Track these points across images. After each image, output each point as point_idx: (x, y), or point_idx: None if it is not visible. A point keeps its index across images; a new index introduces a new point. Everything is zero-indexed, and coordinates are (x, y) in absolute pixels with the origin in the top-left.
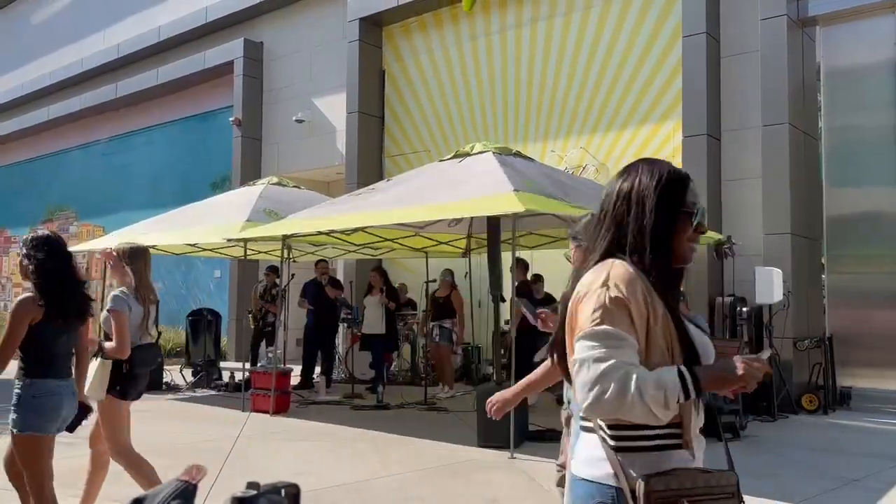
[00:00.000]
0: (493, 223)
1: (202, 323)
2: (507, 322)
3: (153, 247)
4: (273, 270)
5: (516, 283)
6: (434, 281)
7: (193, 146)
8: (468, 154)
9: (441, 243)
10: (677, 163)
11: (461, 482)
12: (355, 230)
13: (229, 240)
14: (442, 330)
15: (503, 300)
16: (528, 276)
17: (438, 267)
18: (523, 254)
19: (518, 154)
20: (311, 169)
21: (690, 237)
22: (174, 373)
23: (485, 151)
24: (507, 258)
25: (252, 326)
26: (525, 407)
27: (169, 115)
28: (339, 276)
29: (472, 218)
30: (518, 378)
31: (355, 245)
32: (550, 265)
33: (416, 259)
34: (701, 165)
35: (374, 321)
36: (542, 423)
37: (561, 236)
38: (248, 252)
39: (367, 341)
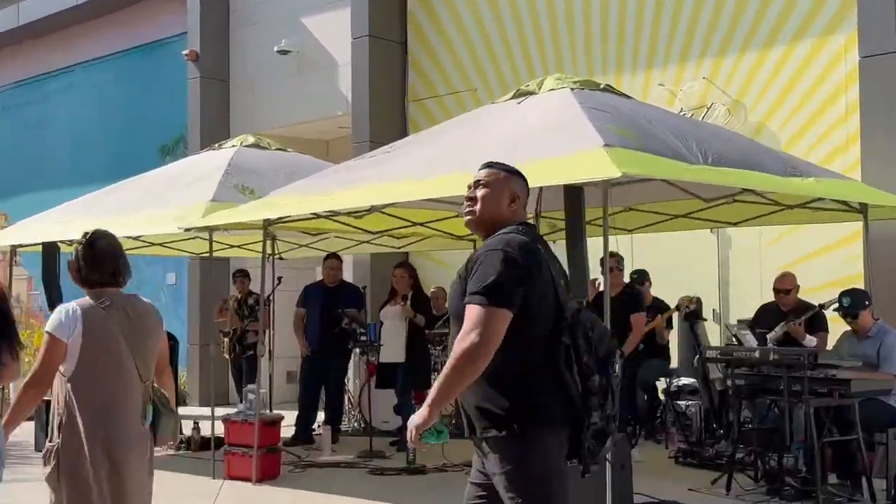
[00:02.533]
0: (574, 196)
1: None
2: None
3: (71, 242)
4: (244, 275)
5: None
6: None
7: (133, 94)
8: (533, 93)
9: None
10: (852, 95)
11: None
12: (369, 210)
13: (187, 229)
14: None
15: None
16: (626, 274)
17: None
18: (620, 240)
19: (609, 89)
20: (302, 122)
21: None
22: None
23: (559, 88)
24: (593, 247)
25: (227, 356)
26: (627, 464)
27: (96, 48)
28: (349, 279)
29: (540, 189)
30: (622, 427)
31: (370, 233)
32: (658, 256)
33: (459, 252)
34: (891, 95)
35: (393, 344)
36: (655, 489)
37: (676, 212)
38: (216, 246)
39: (385, 374)
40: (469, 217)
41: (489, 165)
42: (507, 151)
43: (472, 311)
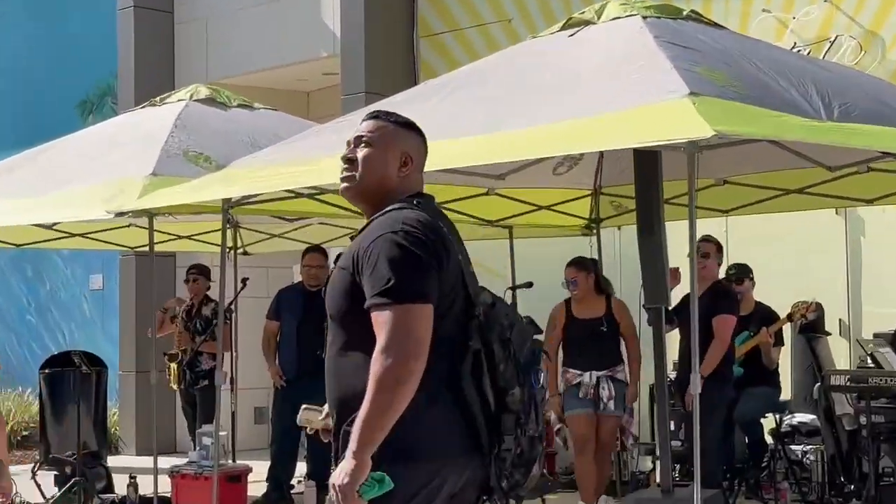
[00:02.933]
0: (648, 165)
1: (69, 382)
2: (674, 363)
3: None
4: (201, 272)
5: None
6: (527, 285)
7: (42, 31)
8: (590, 23)
9: (539, 208)
10: None
11: None
12: None
13: (119, 214)
14: (616, 385)
15: (672, 321)
16: (723, 269)
17: (539, 255)
18: (710, 225)
19: (695, 17)
20: (273, 68)
21: None
22: (21, 481)
23: (626, 16)
24: (675, 234)
25: (175, 387)
26: None
27: None
28: None
29: (600, 157)
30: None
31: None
32: (763, 247)
33: (490, 243)
34: None
35: None
36: None
37: (788, 186)
38: (158, 237)
39: None
40: (346, 185)
41: (375, 116)
42: (553, 105)
43: (382, 319)
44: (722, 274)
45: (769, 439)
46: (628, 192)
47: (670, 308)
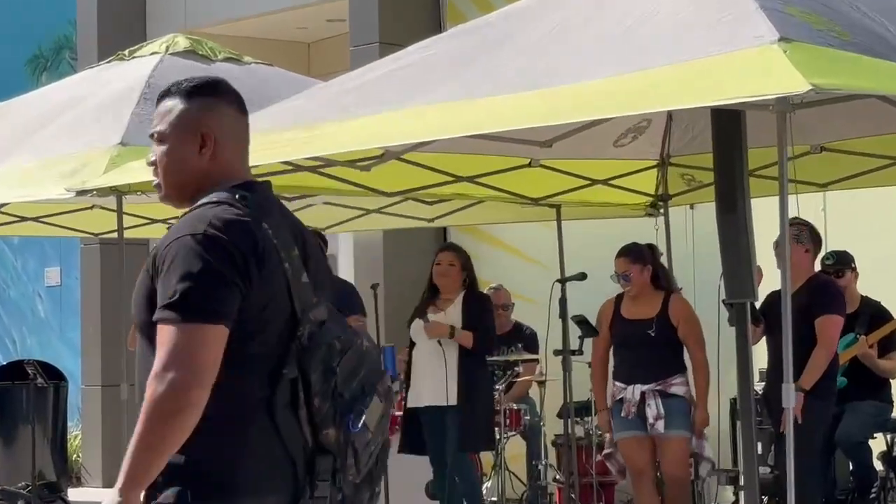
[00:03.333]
0: (729, 128)
1: (20, 398)
2: (762, 373)
3: None
4: None
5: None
6: (579, 277)
7: None
8: None
9: (593, 183)
10: None
11: None
12: (381, 157)
13: (80, 193)
14: (672, 401)
15: (759, 320)
16: (818, 260)
17: (594, 240)
18: (804, 202)
19: None
20: (266, 13)
21: None
22: None
23: None
24: (760, 215)
25: None
26: None
27: None
28: (346, 272)
29: (669, 117)
30: None
31: (383, 196)
32: (869, 230)
33: (535, 226)
34: None
35: (433, 377)
36: None
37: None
38: (129, 221)
39: (414, 429)
40: (158, 195)
41: (162, 95)
42: (611, 55)
43: (163, 337)
44: (818, 265)
45: (878, 465)
46: (703, 163)
47: (757, 304)
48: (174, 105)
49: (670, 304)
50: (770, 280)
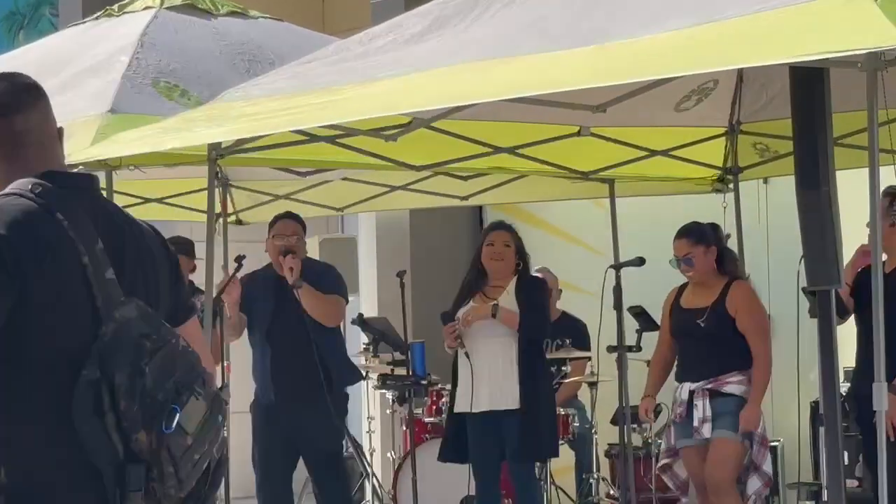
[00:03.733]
0: (810, 88)
1: None
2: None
3: None
4: (183, 249)
5: None
6: (636, 262)
7: None
8: None
9: (651, 154)
10: None
11: None
12: (407, 125)
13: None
14: (723, 400)
15: (846, 311)
16: None
17: (653, 220)
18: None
19: None
20: None
21: None
22: None
23: None
24: (850, 188)
25: None
26: None
27: None
28: (368, 258)
29: (739, 78)
30: None
31: (410, 170)
32: None
33: (584, 204)
34: None
35: (486, 378)
36: None
37: None
38: (121, 201)
39: (459, 436)
40: None
41: None
42: (677, 5)
43: None
44: None
45: None
46: (779, 130)
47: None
48: None
49: (729, 292)
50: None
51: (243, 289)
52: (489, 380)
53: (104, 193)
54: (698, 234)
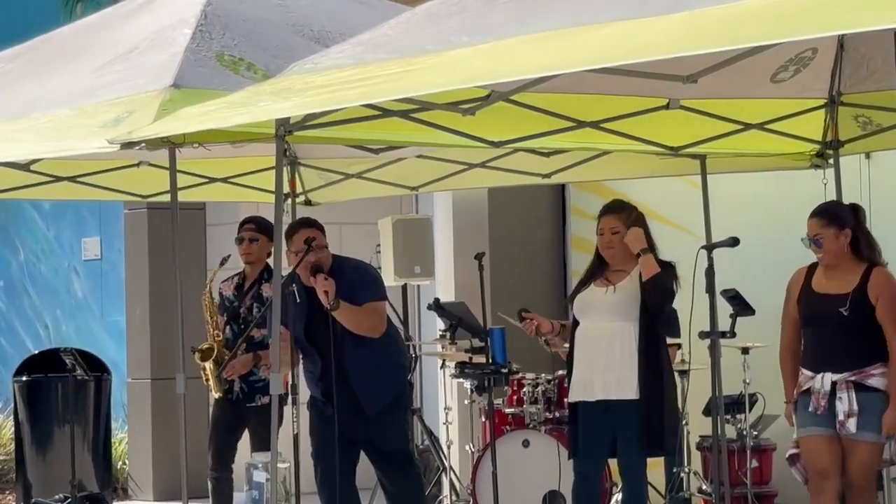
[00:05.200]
0: None
1: (56, 393)
2: None
3: None
4: (261, 230)
5: None
6: (730, 243)
7: None
8: None
9: (746, 127)
10: None
11: None
12: (486, 98)
13: (124, 146)
14: (868, 395)
15: None
16: None
17: (748, 198)
18: None
19: None
20: None
21: None
22: None
23: None
24: None
25: (217, 395)
26: None
27: None
28: (444, 240)
29: (839, 45)
30: None
31: (489, 145)
32: None
33: (674, 182)
34: None
35: (603, 364)
36: None
37: None
38: (182, 181)
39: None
40: None
41: None
42: None
43: None
44: None
45: None
46: (883, 102)
47: None
48: None
49: (870, 279)
50: None
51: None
52: (605, 365)
53: (167, 174)
54: (830, 215)
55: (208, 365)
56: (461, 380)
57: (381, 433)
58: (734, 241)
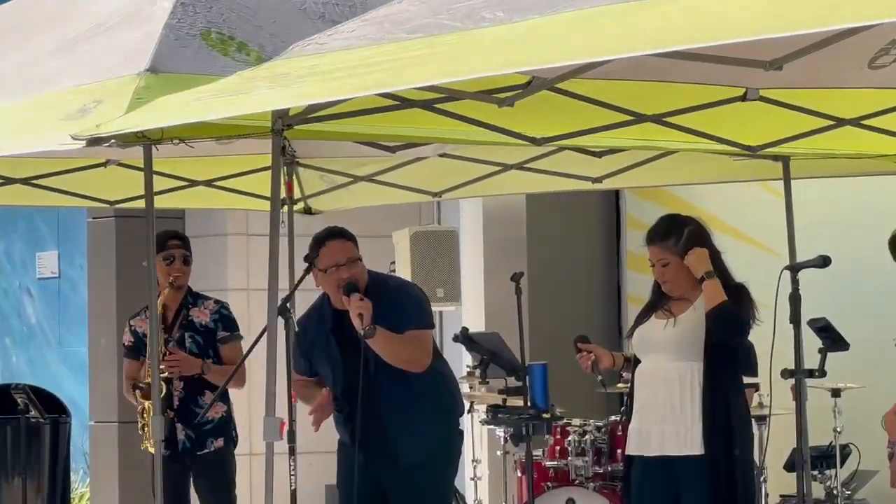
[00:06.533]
0: None
1: (5, 438)
2: None
3: None
4: (189, 246)
5: None
6: (819, 262)
7: None
8: None
9: (838, 123)
10: None
11: None
12: (525, 85)
13: (90, 142)
14: None
15: None
16: None
17: (841, 208)
18: None
19: None
20: None
21: None
22: None
23: None
24: None
25: (152, 449)
26: None
27: None
28: (473, 256)
29: None
30: None
31: (529, 143)
32: None
33: (752, 188)
34: None
35: (662, 412)
36: None
37: None
38: (160, 184)
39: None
40: None
41: None
42: None
43: None
44: None
45: None
46: None
47: None
48: None
49: None
50: None
51: (304, 325)
52: (663, 413)
53: (141, 175)
54: None
55: (151, 406)
56: (493, 426)
57: (419, 490)
58: (825, 261)
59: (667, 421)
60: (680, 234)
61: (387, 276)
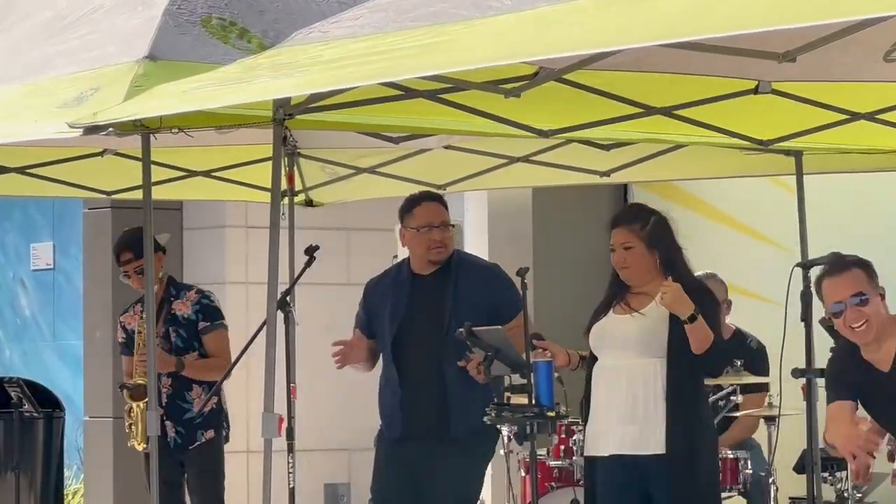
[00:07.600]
0: None
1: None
2: None
3: None
4: (138, 253)
5: None
6: (829, 258)
7: None
8: None
9: (852, 117)
10: None
11: None
12: (533, 76)
13: (87, 130)
14: None
15: None
16: None
17: (856, 203)
18: None
19: None
20: None
21: None
22: None
23: None
24: None
25: (140, 447)
26: None
27: None
28: (477, 252)
29: None
30: None
31: (537, 135)
32: None
33: (763, 183)
34: None
35: (621, 411)
36: None
37: None
38: (158, 174)
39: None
40: None
41: None
42: None
43: None
44: None
45: None
46: None
47: None
48: None
49: None
50: None
51: (370, 289)
52: (623, 413)
53: (139, 166)
54: None
55: (138, 406)
56: (497, 425)
57: (462, 463)
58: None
59: (629, 420)
60: (647, 220)
61: (471, 259)
